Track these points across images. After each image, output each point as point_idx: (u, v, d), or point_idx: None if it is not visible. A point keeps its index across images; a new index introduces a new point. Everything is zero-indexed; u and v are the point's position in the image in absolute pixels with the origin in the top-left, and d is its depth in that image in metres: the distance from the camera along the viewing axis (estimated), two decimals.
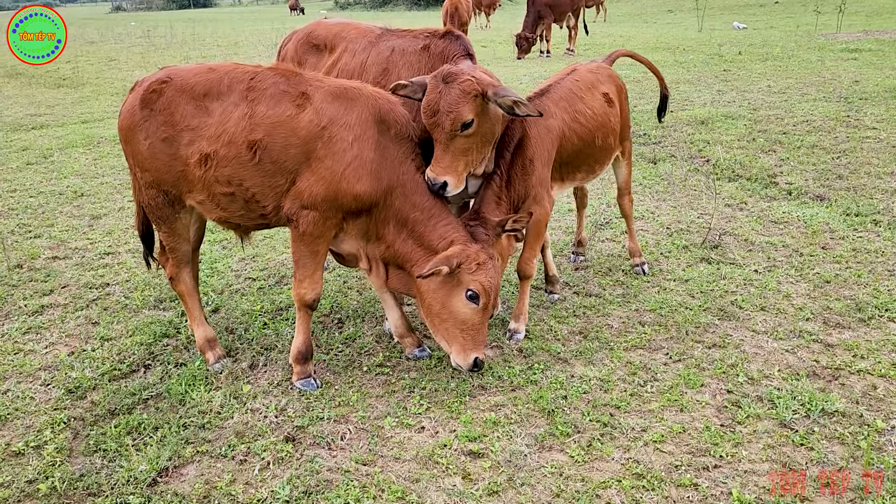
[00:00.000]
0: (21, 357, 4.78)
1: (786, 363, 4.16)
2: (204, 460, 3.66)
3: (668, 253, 5.79)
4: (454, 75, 3.92)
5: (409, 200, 3.99)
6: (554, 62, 16.70)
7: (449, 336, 4.04)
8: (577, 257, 5.76)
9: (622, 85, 5.39)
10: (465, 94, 3.88)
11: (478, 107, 3.94)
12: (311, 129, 3.84)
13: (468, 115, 3.90)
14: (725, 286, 5.13)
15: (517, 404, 3.89)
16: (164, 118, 4.05)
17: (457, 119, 3.88)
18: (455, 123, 3.89)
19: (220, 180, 3.96)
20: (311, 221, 3.90)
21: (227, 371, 4.44)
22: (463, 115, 3.88)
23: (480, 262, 3.93)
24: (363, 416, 3.88)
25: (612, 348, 4.41)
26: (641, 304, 4.94)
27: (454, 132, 3.92)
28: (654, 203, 6.99)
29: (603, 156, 5.08)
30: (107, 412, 4.12)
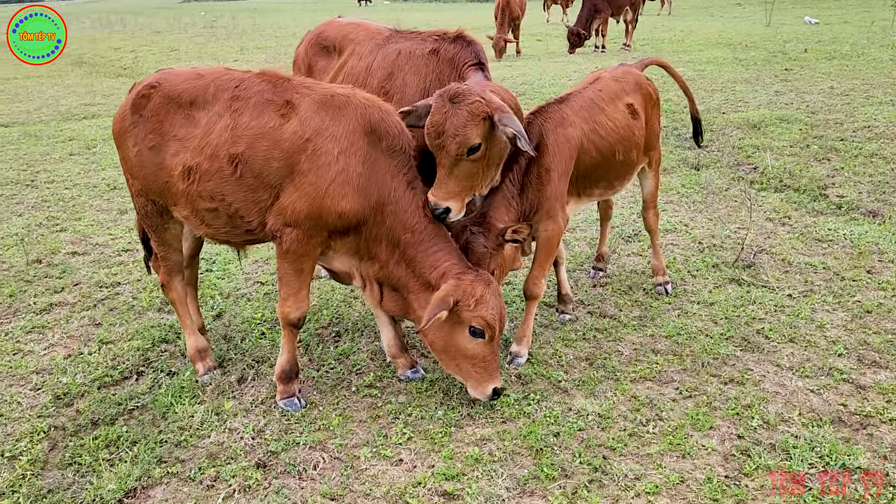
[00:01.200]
0: (18, 358, 4.73)
1: (809, 406, 3.76)
2: (172, 482, 3.50)
3: (696, 271, 5.39)
4: (462, 95, 3.64)
5: (399, 220, 3.72)
6: (608, 58, 16.15)
7: (461, 372, 3.82)
8: (596, 273, 5.42)
9: (652, 93, 5.01)
10: (473, 116, 3.61)
11: (486, 130, 3.67)
12: (294, 142, 3.60)
13: (475, 139, 3.63)
14: (753, 312, 4.72)
15: (504, 439, 3.61)
16: (152, 125, 3.90)
17: (463, 143, 3.62)
18: (461, 148, 3.63)
19: (202, 195, 3.78)
20: (294, 239, 3.68)
21: (214, 384, 4.29)
22: (470, 139, 3.62)
23: (478, 296, 3.64)
24: (341, 444, 3.66)
25: (618, 379, 4.08)
26: (658, 329, 4.58)
27: (460, 156, 3.66)
28: (690, 214, 6.56)
29: (624, 171, 4.74)
30: (90, 422, 4.02)
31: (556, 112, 4.35)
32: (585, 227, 6.46)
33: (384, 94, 4.25)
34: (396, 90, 4.15)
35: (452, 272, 3.73)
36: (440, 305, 3.59)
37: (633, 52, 16.67)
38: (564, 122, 4.31)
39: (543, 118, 4.31)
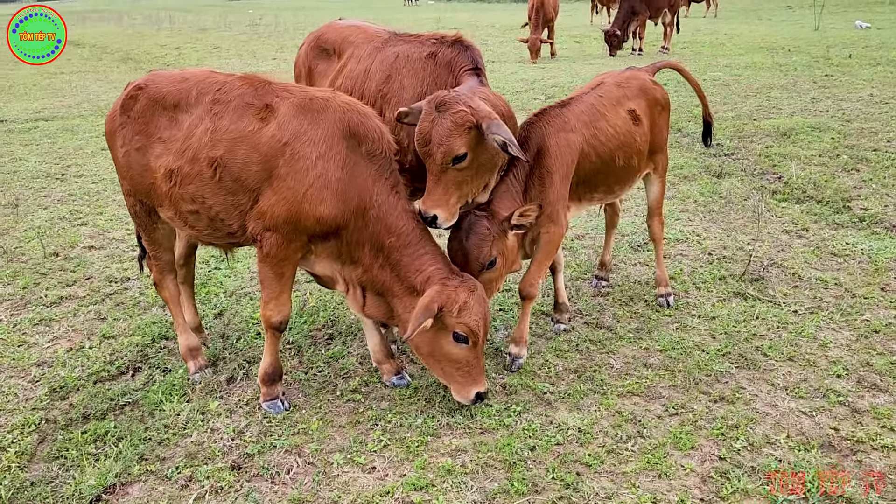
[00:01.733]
0: (22, 350, 4.84)
1: (798, 428, 3.63)
2: (150, 480, 3.54)
3: (701, 284, 5.25)
4: (447, 104, 3.61)
5: (383, 224, 3.70)
6: (646, 61, 15.89)
7: (445, 376, 3.82)
8: (598, 282, 5.32)
9: (659, 98, 4.90)
10: (458, 126, 3.58)
11: (472, 139, 3.64)
12: (272, 146, 3.61)
13: (460, 149, 3.61)
14: (755, 328, 4.58)
15: (479, 451, 3.56)
16: (139, 126, 3.95)
17: (448, 153, 3.60)
18: (446, 157, 3.61)
19: (184, 198, 3.81)
20: (273, 243, 3.68)
21: (204, 382, 4.32)
22: (454, 149, 3.60)
23: (462, 302, 3.61)
24: (317, 449, 3.65)
25: (604, 393, 4.00)
26: (653, 343, 4.48)
27: (445, 165, 3.64)
28: (704, 224, 6.41)
29: (624, 176, 4.67)
30: (81, 416, 4.09)
31: (558, 116, 4.31)
32: (595, 234, 6.35)
33: (382, 97, 4.24)
34: (394, 93, 4.13)
35: (437, 277, 3.70)
36: (424, 313, 3.56)
37: (670, 56, 16.38)
38: (566, 126, 4.27)
39: (545, 121, 4.27)
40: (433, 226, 3.76)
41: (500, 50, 18.68)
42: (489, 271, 3.92)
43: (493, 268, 3.93)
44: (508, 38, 19.86)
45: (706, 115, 5.42)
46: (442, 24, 26.16)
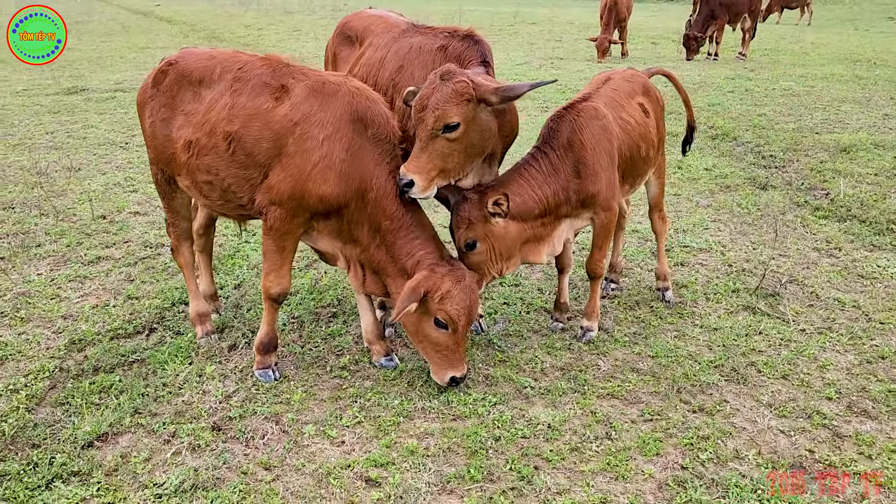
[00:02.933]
0: (55, 303, 5.17)
1: (772, 447, 3.56)
2: (138, 433, 3.77)
3: (712, 294, 5.17)
4: (451, 73, 3.71)
5: (380, 206, 3.85)
6: (720, 66, 15.51)
7: (426, 355, 3.99)
8: (608, 284, 5.30)
9: (658, 96, 4.92)
10: (457, 94, 3.66)
11: (468, 112, 3.70)
12: (284, 125, 3.77)
13: (454, 118, 3.67)
14: (755, 343, 4.50)
15: (446, 436, 3.64)
16: (166, 99, 4.17)
17: (441, 118, 3.66)
18: (438, 122, 3.67)
19: (200, 168, 4.01)
20: (277, 217, 3.85)
21: (208, 347, 4.54)
22: (448, 115, 3.66)
23: (444, 291, 3.73)
24: (294, 419, 3.81)
25: (584, 393, 4.01)
26: (647, 348, 4.45)
27: (436, 131, 3.70)
28: (733, 236, 6.27)
29: (644, 168, 4.76)
30: (92, 368, 4.36)
31: (587, 107, 4.35)
32: None
33: (393, 86, 4.34)
34: (405, 83, 4.22)
35: (426, 262, 3.80)
36: (409, 297, 3.68)
37: (747, 63, 15.91)
38: (598, 115, 4.31)
39: (575, 114, 4.30)
40: (408, 191, 3.76)
41: (571, 47, 18.50)
42: (473, 253, 4.01)
43: (474, 251, 3.99)
44: (584, 35, 19.63)
45: (690, 122, 5.38)
46: (518, 18, 26.10)
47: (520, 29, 23.40)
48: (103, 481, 3.40)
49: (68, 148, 9.31)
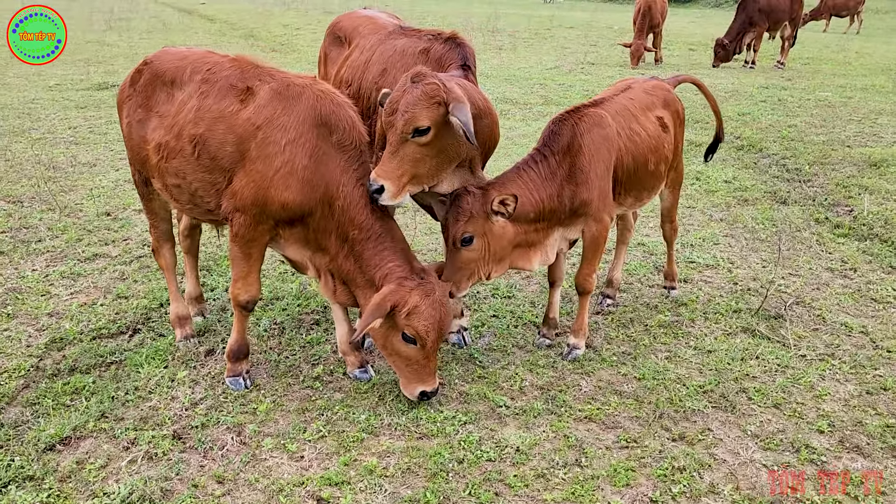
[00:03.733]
0: (44, 300, 5.16)
1: (751, 482, 3.35)
2: (100, 438, 3.70)
3: (712, 314, 4.93)
4: (422, 76, 3.56)
5: (347, 215, 3.70)
6: (756, 75, 15.09)
7: (396, 369, 3.87)
8: (604, 300, 5.11)
9: (679, 111, 4.72)
10: (427, 97, 3.51)
11: (439, 116, 3.55)
12: (246, 128, 3.67)
13: (423, 121, 3.52)
14: (749, 368, 4.26)
15: (409, 455, 3.49)
16: (141, 100, 4.10)
17: (410, 121, 3.51)
18: (407, 125, 3.52)
19: (169, 171, 3.94)
20: (242, 224, 3.75)
21: (185, 350, 4.47)
22: (417, 119, 3.51)
23: (412, 306, 3.59)
24: (256, 430, 3.70)
25: (560, 415, 3.83)
26: (633, 370, 4.25)
27: (405, 135, 3.55)
28: (743, 253, 6.01)
29: (652, 183, 4.59)
30: (68, 368, 4.32)
31: (592, 113, 4.23)
32: None
33: (377, 89, 4.23)
34: (388, 86, 4.10)
35: (395, 275, 3.67)
36: (374, 312, 3.56)
37: (785, 72, 15.46)
38: (602, 123, 4.19)
39: (578, 118, 4.17)
40: (378, 197, 3.61)
41: (605, 52, 18.20)
42: (466, 249, 3.84)
43: (469, 246, 3.83)
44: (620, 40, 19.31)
45: (718, 131, 5.21)
46: (555, 21, 25.82)
47: (556, 32, 23.13)
48: (55, 488, 3.33)
49: (88, 143, 9.40)
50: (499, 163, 8.35)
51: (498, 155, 8.79)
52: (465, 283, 3.92)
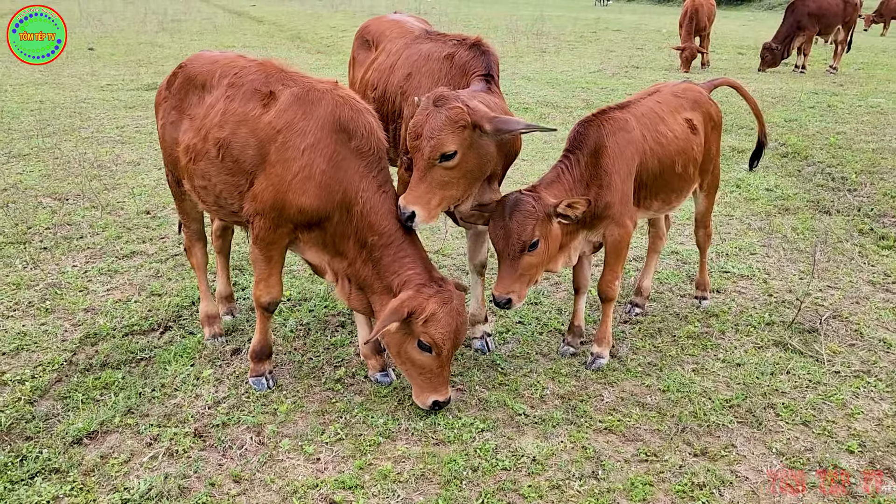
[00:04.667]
0: (81, 295, 5.29)
1: (773, 502, 3.25)
2: (125, 433, 3.78)
3: (743, 326, 4.82)
4: (445, 99, 3.55)
5: (367, 221, 3.71)
6: (806, 80, 14.72)
7: (408, 376, 3.86)
8: (632, 308, 5.03)
9: (713, 114, 4.65)
10: (452, 122, 3.50)
11: (464, 139, 3.55)
12: (268, 132, 3.71)
13: (450, 146, 3.52)
14: (779, 383, 4.15)
15: (424, 461, 3.49)
16: (175, 102, 4.19)
17: (437, 147, 3.51)
18: (434, 152, 3.52)
19: (196, 173, 4.01)
20: (262, 227, 3.80)
21: (213, 349, 4.55)
22: (444, 145, 3.51)
23: (429, 313, 3.57)
24: (275, 431, 3.74)
25: (580, 425, 3.78)
26: (658, 381, 4.17)
27: (433, 161, 3.55)
28: (781, 263, 5.85)
29: (680, 186, 4.53)
30: (100, 364, 4.42)
31: (616, 116, 4.22)
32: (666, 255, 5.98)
33: (401, 93, 4.24)
34: (412, 91, 4.11)
35: (414, 282, 3.66)
36: (391, 316, 3.55)
37: (837, 77, 15.04)
38: (626, 126, 4.18)
39: (603, 121, 4.17)
40: (410, 223, 3.64)
41: (651, 56, 17.95)
42: (530, 255, 3.78)
43: (535, 251, 3.78)
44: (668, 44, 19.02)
45: (761, 136, 5.08)
46: (601, 24, 25.56)
47: (602, 35, 22.92)
48: (78, 481, 3.41)
49: (133, 142, 9.62)
50: (535, 166, 8.32)
51: (535, 159, 8.79)
52: (524, 290, 3.88)
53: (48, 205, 7.15)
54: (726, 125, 10.28)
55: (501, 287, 3.77)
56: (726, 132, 9.92)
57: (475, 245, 4.41)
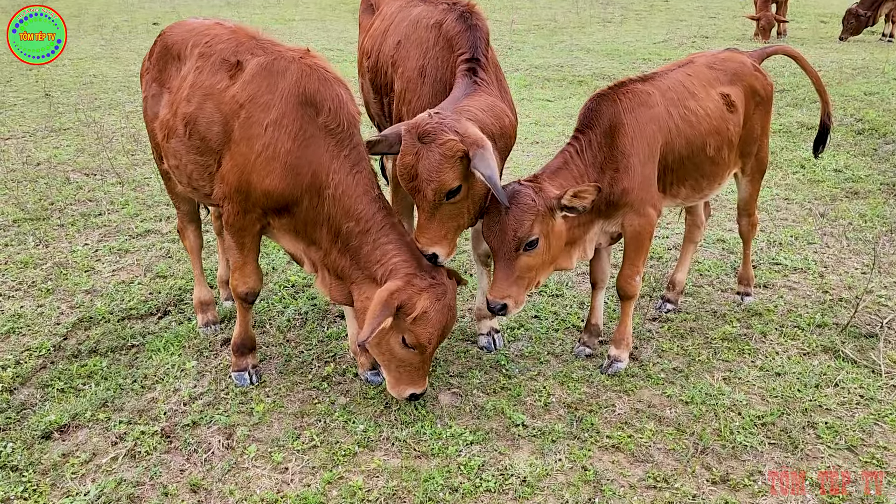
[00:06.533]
0: (85, 276, 5.12)
1: None
2: (94, 429, 3.56)
3: (789, 328, 4.24)
4: (431, 134, 3.14)
5: (341, 206, 3.31)
6: (893, 50, 13.52)
7: (385, 367, 3.48)
8: (663, 304, 4.51)
9: (758, 88, 4.07)
10: (447, 158, 3.13)
11: (465, 168, 3.18)
12: (231, 106, 3.37)
13: (453, 182, 3.18)
14: (825, 398, 3.59)
15: (400, 477, 3.12)
16: (155, 73, 3.90)
17: (440, 188, 3.18)
18: (439, 193, 3.19)
19: (168, 152, 3.72)
20: (230, 212, 3.48)
21: (203, 338, 4.30)
22: (447, 184, 3.17)
23: (421, 311, 3.18)
24: (246, 434, 3.44)
25: (584, 441, 3.33)
26: (681, 390, 3.67)
27: (438, 201, 3.22)
28: (841, 255, 5.19)
29: (713, 171, 3.99)
30: (89, 350, 4.24)
31: (636, 90, 3.71)
32: None
33: (392, 63, 3.86)
34: (400, 61, 3.72)
35: (402, 271, 3.26)
36: (383, 310, 3.16)
37: None
38: (648, 101, 3.67)
39: (621, 95, 3.66)
40: (434, 263, 3.36)
41: (724, 25, 16.84)
42: (528, 254, 3.36)
43: (534, 250, 3.35)
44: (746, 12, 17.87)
45: (824, 116, 4.41)
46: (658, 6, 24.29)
47: (674, 4, 21.73)
48: (33, 481, 3.21)
49: None
50: None
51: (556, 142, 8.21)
52: (523, 295, 3.45)
53: (75, 180, 7.04)
54: (796, 98, 9.46)
55: (496, 291, 3.35)
56: (795, 107, 9.11)
57: (479, 234, 3.99)
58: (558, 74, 11.52)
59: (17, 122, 9.11)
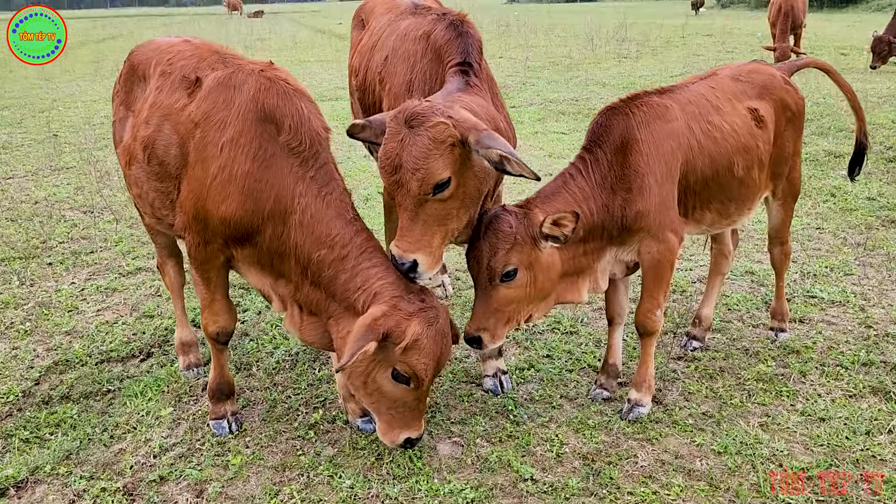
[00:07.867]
0: (67, 316, 4.83)
1: None
2: (53, 485, 3.21)
3: (831, 367, 3.80)
4: (421, 117, 2.76)
5: (309, 233, 2.93)
6: None
7: (374, 410, 3.05)
8: (689, 342, 4.09)
9: (790, 102, 3.71)
10: (437, 143, 2.73)
11: (456, 159, 2.78)
12: (187, 126, 3.07)
13: (443, 173, 2.76)
14: (877, 447, 3.14)
15: None
16: (123, 96, 3.66)
17: (427, 179, 2.75)
18: (425, 185, 2.76)
19: (130, 180, 3.44)
20: (191, 243, 3.16)
21: (183, 382, 3.95)
22: (435, 174, 2.74)
23: (412, 339, 2.76)
24: (218, 491, 3.05)
25: (602, 498, 2.90)
26: (713, 438, 3.24)
27: (424, 196, 2.78)
28: (883, 287, 4.75)
29: (742, 193, 3.60)
30: (61, 396, 3.93)
31: (652, 102, 3.35)
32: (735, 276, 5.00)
33: (380, 80, 3.55)
34: (388, 77, 3.42)
35: (387, 294, 2.86)
36: (367, 335, 2.73)
37: None
38: (666, 115, 3.32)
39: (634, 108, 3.31)
40: (415, 276, 2.89)
41: (741, 59, 16.57)
42: (506, 286, 3.01)
43: (511, 281, 3.00)
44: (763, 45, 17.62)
45: (859, 136, 4.02)
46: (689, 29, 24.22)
47: (690, 40, 21.60)
48: None
49: None
50: None
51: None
52: (501, 329, 3.09)
53: (70, 218, 6.81)
54: (821, 127, 9.09)
55: (472, 322, 3.02)
56: (821, 135, 8.73)
57: None
58: (573, 108, 11.26)
59: (21, 162, 8.98)
